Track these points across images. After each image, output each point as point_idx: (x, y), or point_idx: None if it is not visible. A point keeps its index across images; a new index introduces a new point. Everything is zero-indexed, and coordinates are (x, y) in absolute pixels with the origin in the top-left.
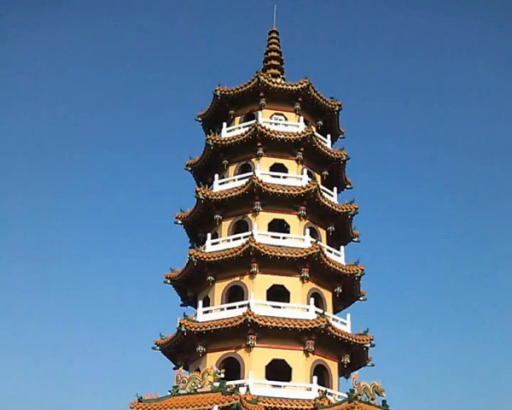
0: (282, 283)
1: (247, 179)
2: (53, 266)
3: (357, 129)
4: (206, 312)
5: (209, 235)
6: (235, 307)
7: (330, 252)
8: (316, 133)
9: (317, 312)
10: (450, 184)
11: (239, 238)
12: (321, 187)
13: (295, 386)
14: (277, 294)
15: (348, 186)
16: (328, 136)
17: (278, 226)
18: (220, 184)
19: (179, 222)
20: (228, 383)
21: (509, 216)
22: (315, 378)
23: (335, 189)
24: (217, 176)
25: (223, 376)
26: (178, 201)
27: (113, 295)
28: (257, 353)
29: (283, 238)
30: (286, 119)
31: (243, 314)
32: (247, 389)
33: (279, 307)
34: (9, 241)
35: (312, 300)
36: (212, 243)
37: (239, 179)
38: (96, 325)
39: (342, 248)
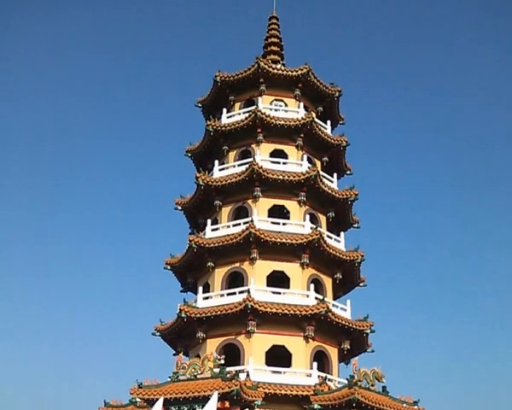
0: (282, 269)
1: (247, 165)
2: (53, 253)
3: (357, 115)
4: (206, 298)
5: (209, 221)
6: (235, 293)
7: (330, 238)
8: (316, 119)
9: (317, 298)
10: (450, 170)
11: (239, 224)
12: (321, 173)
13: (295, 372)
14: (277, 280)
15: (348, 172)
16: (328, 122)
17: (278, 212)
18: (220, 170)
19: (179, 208)
20: (228, 369)
21: (509, 203)
22: (315, 364)
23: (335, 175)
24: (217, 162)
25: (223, 362)
26: (178, 187)
27: (113, 282)
28: (257, 339)
29: (283, 224)
30: (286, 105)
31: (243, 300)
32: (247, 375)
33: (279, 293)
34: (10, 229)
35: (312, 286)
36: (212, 229)
37: (239, 165)
38: (96, 311)
39: (342, 234)
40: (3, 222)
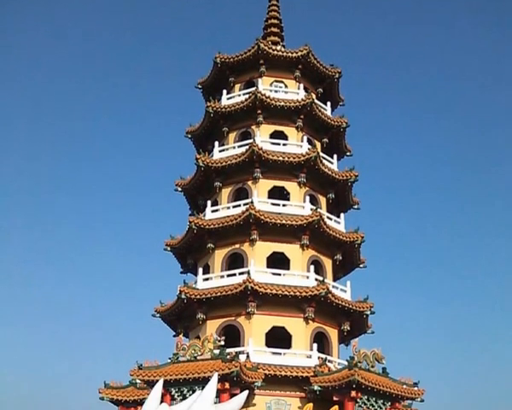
0: (282, 250)
1: (247, 147)
2: (53, 235)
3: (357, 97)
4: (206, 279)
5: (209, 202)
6: (235, 275)
7: (330, 219)
8: (316, 100)
9: (317, 279)
10: (450, 151)
11: (239, 206)
12: (321, 154)
13: (295, 353)
14: (277, 261)
15: (348, 154)
16: (328, 103)
17: (278, 194)
18: (220, 151)
19: (179, 189)
20: (228, 350)
21: (509, 185)
22: (315, 346)
23: (335, 156)
24: (217, 143)
25: (223, 343)
26: (178, 168)
27: (113, 263)
28: (257, 320)
29: (283, 205)
30: (286, 86)
31: (243, 281)
32: (247, 357)
33: (279, 275)
34: (10, 212)
35: (312, 267)
36: (212, 211)
37: (239, 147)
38: (96, 293)
39: (342, 215)
40: (3, 206)
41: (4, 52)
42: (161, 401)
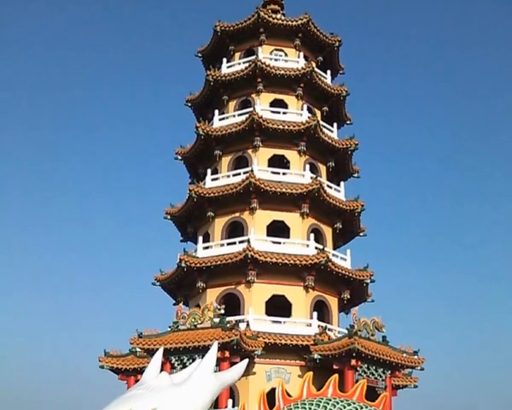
0: (282, 218)
1: (247, 115)
2: (53, 202)
3: (357, 65)
4: (206, 247)
5: (209, 171)
6: (235, 243)
7: (330, 188)
8: (316, 69)
9: (317, 247)
10: (450, 118)
11: (239, 174)
12: (321, 123)
13: (295, 322)
14: (277, 230)
15: (348, 122)
16: (328, 72)
17: (278, 162)
18: (220, 119)
19: (179, 158)
20: (228, 318)
21: (509, 152)
22: (315, 314)
23: (335, 124)
24: (217, 112)
25: (223, 312)
26: (178, 137)
27: (113, 232)
28: (257, 288)
29: (283, 174)
30: (286, 55)
31: (243, 250)
32: (247, 325)
33: (279, 243)
34: (10, 176)
35: (312, 235)
36: (212, 179)
37: (239, 115)
38: (96, 262)
39: (342, 183)
40: (4, 174)
41: (5, 19)
42: (161, 370)
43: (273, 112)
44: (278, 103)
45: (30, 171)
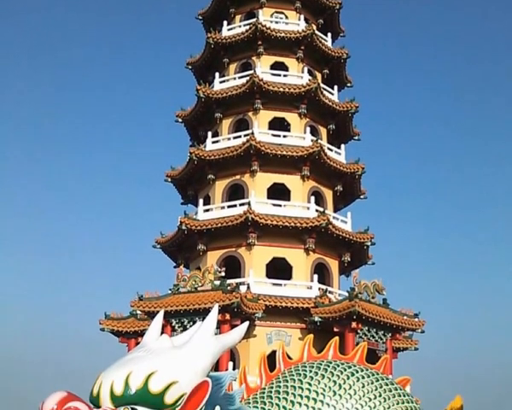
0: (283, 181)
1: (248, 78)
2: (53, 161)
3: (357, 27)
4: (207, 210)
5: (210, 133)
6: (235, 206)
7: (331, 150)
8: (316, 32)
9: (317, 210)
10: (451, 81)
11: (239, 137)
12: (321, 85)
13: (296, 284)
14: (278, 192)
15: (349, 85)
16: (329, 34)
17: (279, 125)
18: (221, 82)
19: (180, 120)
20: (228, 281)
21: (510, 115)
22: (315, 277)
23: (336, 87)
24: (217, 74)
25: (223, 274)
26: (179, 99)
27: (113, 193)
28: (257, 251)
29: (284, 137)
30: (286, 17)
31: (244, 213)
32: (248, 288)
33: (280, 206)
34: (10, 135)
35: (313, 198)
36: (213, 142)
37: (239, 78)
38: (96, 223)
39: (343, 146)
40: (4, 132)
41: None
42: (162, 332)
43: (274, 74)
44: (279, 66)
45: (30, 130)
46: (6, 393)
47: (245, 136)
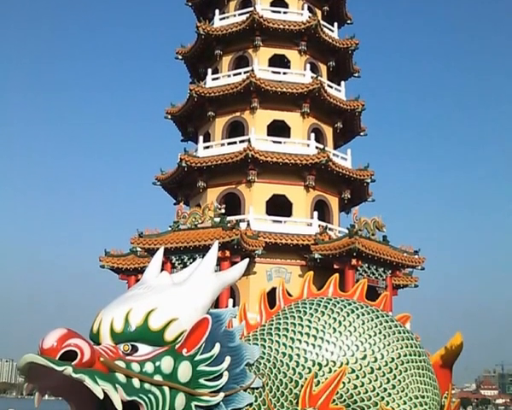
0: (283, 118)
1: (248, 15)
2: (54, 99)
3: None
4: (207, 147)
5: (210, 70)
6: (235, 143)
7: (331, 87)
8: None
9: (317, 147)
10: (451, 17)
11: (239, 74)
12: (321, 22)
13: (296, 221)
14: (278, 129)
15: (349, 22)
16: None
17: (279, 62)
18: (221, 19)
19: (180, 57)
20: (228, 218)
21: (510, 50)
22: (315, 214)
23: (336, 24)
24: (217, 11)
25: (223, 211)
26: (179, 36)
27: (114, 131)
28: (257, 188)
29: (284, 74)
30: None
31: (244, 149)
32: (248, 225)
33: (280, 143)
34: (11, 74)
35: (313, 135)
36: (213, 79)
37: (239, 15)
38: (97, 160)
39: (343, 83)
40: (5, 72)
41: None
42: (162, 269)
43: (274, 11)
44: (279, 3)
45: (31, 69)
46: (6, 328)
47: (245, 73)
